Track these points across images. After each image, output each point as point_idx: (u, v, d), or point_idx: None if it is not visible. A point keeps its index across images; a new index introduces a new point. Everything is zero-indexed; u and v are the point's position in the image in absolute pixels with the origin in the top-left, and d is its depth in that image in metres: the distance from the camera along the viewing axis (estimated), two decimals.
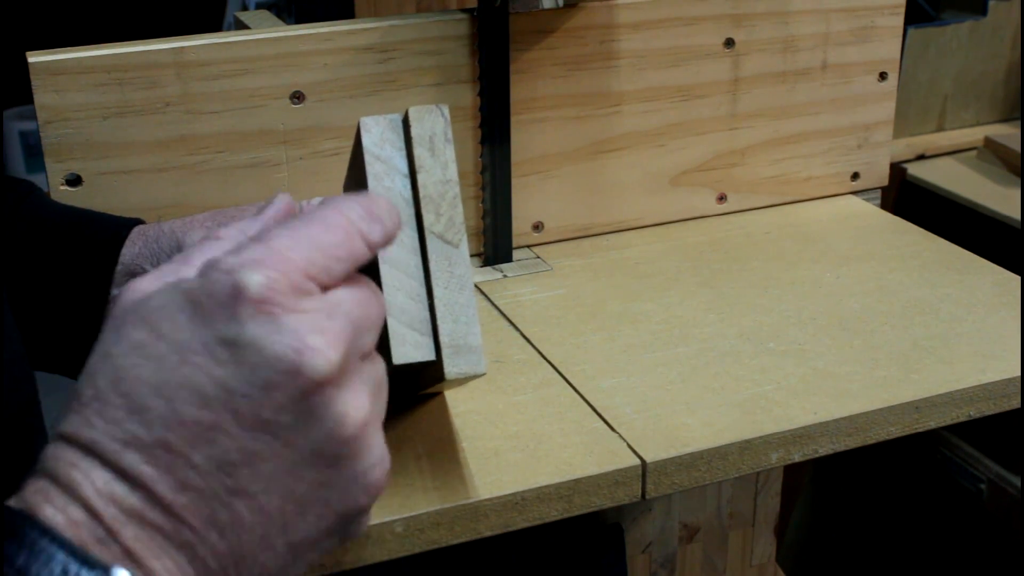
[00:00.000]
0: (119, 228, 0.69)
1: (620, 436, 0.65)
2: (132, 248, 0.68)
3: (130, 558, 0.40)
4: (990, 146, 1.39)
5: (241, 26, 0.98)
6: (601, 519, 0.93)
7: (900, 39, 0.98)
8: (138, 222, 0.71)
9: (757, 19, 0.92)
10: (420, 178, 0.57)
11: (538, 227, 0.91)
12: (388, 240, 0.47)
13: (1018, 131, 1.41)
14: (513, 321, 0.79)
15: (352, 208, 0.46)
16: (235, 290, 0.41)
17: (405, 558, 0.59)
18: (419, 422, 0.66)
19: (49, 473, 0.41)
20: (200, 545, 0.42)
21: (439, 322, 0.56)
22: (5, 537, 0.39)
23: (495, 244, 0.88)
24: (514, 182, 0.88)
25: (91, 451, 0.41)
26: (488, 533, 0.61)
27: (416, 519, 0.59)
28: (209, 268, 0.43)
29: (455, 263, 0.56)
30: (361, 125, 0.58)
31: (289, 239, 0.43)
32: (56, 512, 0.40)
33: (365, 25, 0.81)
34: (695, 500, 0.98)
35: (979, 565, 1.41)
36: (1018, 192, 1.31)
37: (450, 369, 0.56)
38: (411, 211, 0.57)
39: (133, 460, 0.41)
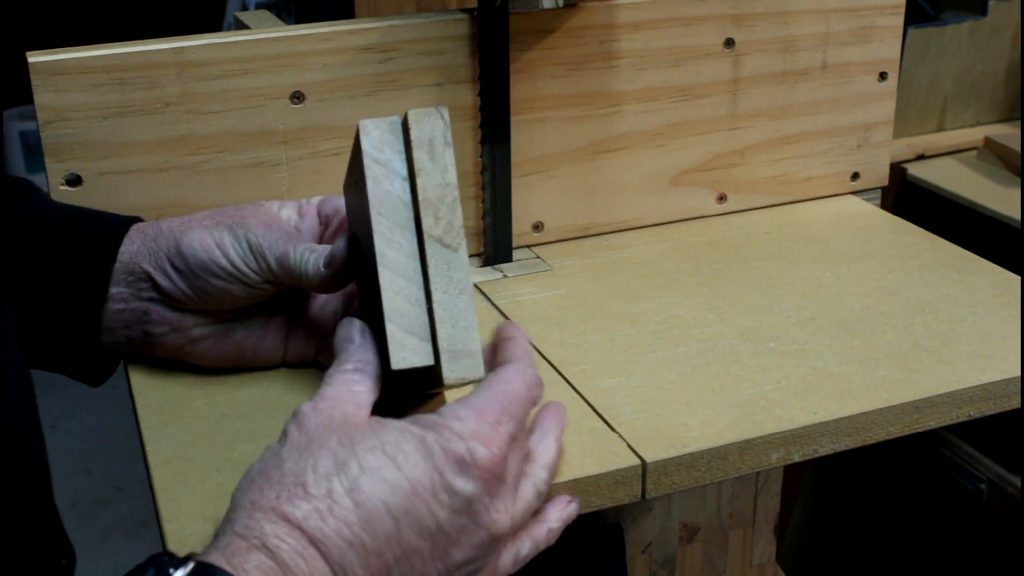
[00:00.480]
0: (117, 226, 0.69)
1: (620, 436, 0.65)
2: (130, 246, 0.68)
3: None
4: (990, 146, 1.39)
5: (241, 26, 0.98)
6: (601, 519, 0.93)
7: (900, 39, 0.98)
8: (137, 220, 0.71)
9: (757, 19, 0.92)
10: (419, 181, 0.56)
11: (538, 227, 0.91)
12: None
13: (1018, 131, 1.41)
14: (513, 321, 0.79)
15: (531, 376, 0.57)
16: (468, 454, 0.51)
17: None
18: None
19: (271, 551, 0.47)
20: None
21: (438, 326, 0.56)
22: None
23: (495, 244, 0.88)
24: (514, 182, 0.88)
25: (317, 543, 0.48)
26: None
27: None
28: (441, 428, 0.52)
29: (454, 267, 0.56)
30: (360, 128, 0.58)
31: (500, 414, 0.54)
32: None
33: (365, 25, 0.81)
34: (695, 500, 0.98)
35: (979, 565, 1.41)
36: (1018, 192, 1.30)
37: (448, 374, 0.56)
38: (410, 215, 0.57)
39: (352, 560, 0.48)
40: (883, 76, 0.98)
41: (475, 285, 0.85)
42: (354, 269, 0.64)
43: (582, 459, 0.63)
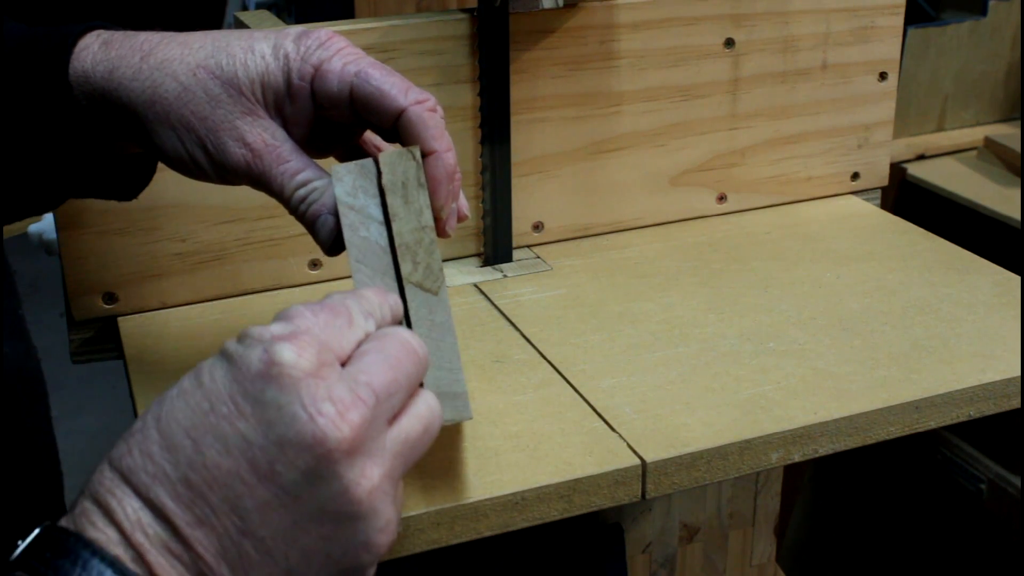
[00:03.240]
0: (66, 36, 0.59)
1: (620, 436, 0.65)
2: (89, 54, 0.58)
3: None
4: (990, 146, 1.39)
5: (241, 26, 0.98)
6: (601, 519, 0.93)
7: (900, 39, 0.98)
8: (98, 27, 0.61)
9: (757, 19, 0.92)
10: (395, 227, 0.56)
11: (538, 227, 0.91)
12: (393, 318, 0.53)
13: (1018, 131, 1.41)
14: (513, 321, 0.79)
15: (353, 303, 0.51)
16: (267, 356, 0.46)
17: (405, 558, 0.59)
18: None
19: (92, 494, 0.46)
20: None
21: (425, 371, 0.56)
22: (60, 555, 0.44)
23: (495, 244, 0.88)
24: (514, 182, 0.88)
25: (127, 480, 0.46)
26: (488, 533, 0.61)
27: (416, 519, 0.59)
28: (246, 337, 0.47)
29: (435, 311, 0.56)
30: (333, 174, 0.57)
31: (311, 319, 0.49)
32: (98, 532, 0.45)
33: (365, 25, 0.81)
34: (695, 500, 0.98)
35: (979, 565, 1.41)
36: (1018, 192, 1.31)
37: None
38: (389, 259, 0.57)
39: (159, 493, 0.45)
40: (883, 76, 0.98)
41: (475, 285, 0.85)
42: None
43: (582, 459, 0.63)
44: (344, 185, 0.57)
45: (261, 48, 0.58)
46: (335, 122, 0.60)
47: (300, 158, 0.58)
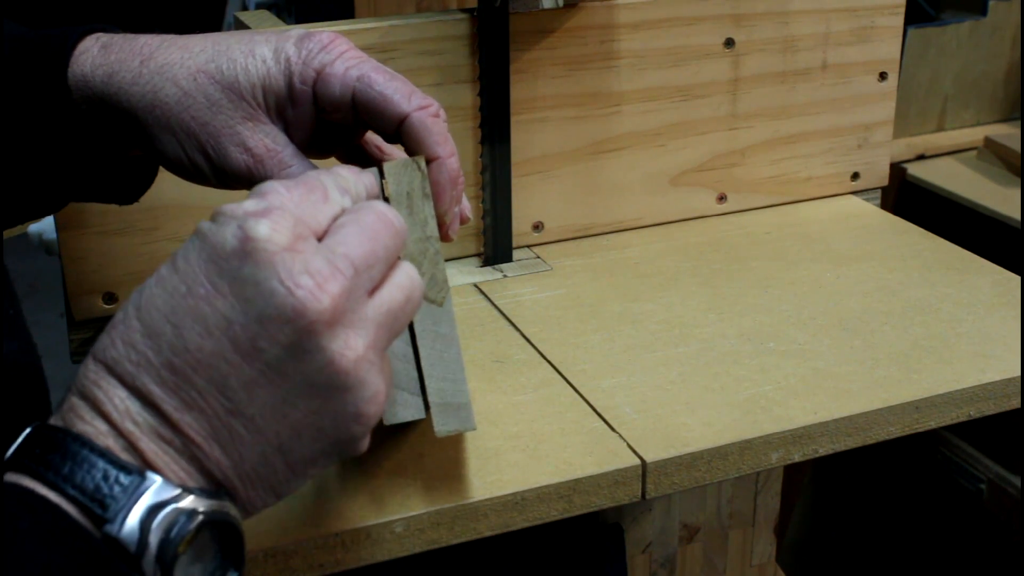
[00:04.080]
0: (66, 37, 0.59)
1: (620, 436, 0.65)
2: (88, 58, 0.58)
3: (151, 467, 0.45)
4: (990, 146, 1.39)
5: (241, 26, 0.98)
6: (601, 519, 0.93)
7: (900, 39, 0.98)
8: (98, 29, 0.60)
9: (757, 19, 0.92)
10: None
11: (538, 227, 0.91)
12: (368, 193, 0.52)
13: (1018, 131, 1.41)
14: (513, 321, 0.79)
15: (325, 179, 0.50)
16: (241, 233, 0.45)
17: (405, 558, 0.59)
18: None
19: (79, 389, 0.46)
20: (205, 459, 0.46)
21: (426, 381, 0.56)
22: (50, 450, 0.44)
23: (495, 244, 0.88)
24: (514, 182, 0.88)
25: (112, 371, 0.46)
26: (488, 533, 0.61)
27: (416, 519, 0.59)
28: (219, 215, 0.47)
29: (440, 322, 0.56)
30: None
31: (284, 195, 0.48)
32: (86, 425, 0.45)
33: (365, 25, 0.81)
34: (695, 500, 0.98)
35: (979, 565, 1.41)
36: (1018, 192, 1.30)
37: (439, 427, 0.57)
38: None
39: (145, 380, 0.45)
40: (883, 76, 0.98)
41: (475, 285, 0.85)
42: None
43: (582, 459, 0.63)
44: None
45: (262, 52, 0.57)
46: (336, 124, 0.59)
47: (302, 162, 0.58)
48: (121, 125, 0.58)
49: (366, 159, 0.63)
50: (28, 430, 0.46)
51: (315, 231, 0.48)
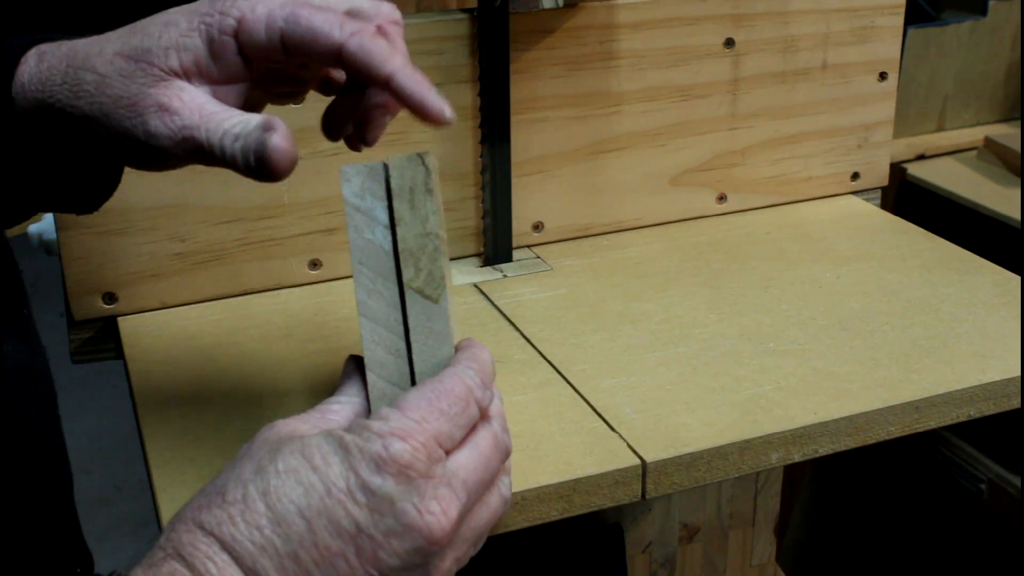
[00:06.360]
0: (10, 50, 0.59)
1: (620, 436, 0.65)
2: (26, 69, 0.58)
3: None
4: (990, 146, 1.39)
5: None
6: (601, 519, 0.93)
7: (900, 39, 0.98)
8: (44, 39, 0.60)
9: (757, 19, 0.92)
10: (399, 232, 0.56)
11: (538, 227, 0.91)
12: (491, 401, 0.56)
13: (1018, 131, 1.41)
14: (513, 321, 0.79)
15: (472, 377, 0.54)
16: (384, 450, 0.49)
17: None
18: None
19: (185, 559, 0.47)
20: None
21: (417, 377, 0.56)
22: None
23: (495, 244, 0.88)
24: (514, 182, 0.88)
25: (227, 547, 0.47)
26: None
27: None
28: (364, 429, 0.50)
29: (434, 318, 0.56)
30: (341, 174, 0.57)
31: (426, 411, 0.51)
32: None
33: None
34: (695, 500, 0.98)
35: (979, 565, 1.41)
36: (1018, 192, 1.31)
37: None
38: (392, 264, 0.57)
39: (266, 564, 0.47)
40: (883, 76, 0.98)
41: (475, 285, 0.85)
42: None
43: (582, 459, 0.63)
44: (352, 186, 0.57)
45: (176, 19, 0.55)
46: (289, 75, 0.57)
47: (226, 108, 0.54)
48: (63, 130, 0.57)
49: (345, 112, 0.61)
50: None
51: (449, 448, 0.51)
